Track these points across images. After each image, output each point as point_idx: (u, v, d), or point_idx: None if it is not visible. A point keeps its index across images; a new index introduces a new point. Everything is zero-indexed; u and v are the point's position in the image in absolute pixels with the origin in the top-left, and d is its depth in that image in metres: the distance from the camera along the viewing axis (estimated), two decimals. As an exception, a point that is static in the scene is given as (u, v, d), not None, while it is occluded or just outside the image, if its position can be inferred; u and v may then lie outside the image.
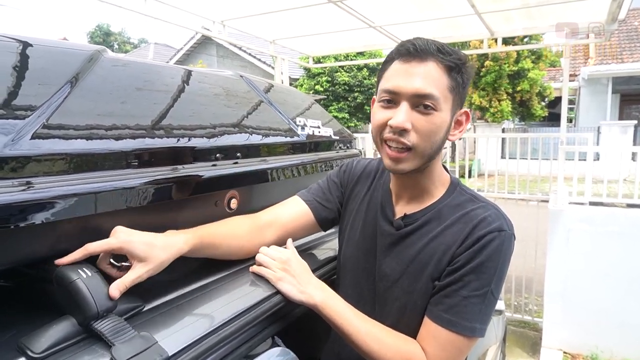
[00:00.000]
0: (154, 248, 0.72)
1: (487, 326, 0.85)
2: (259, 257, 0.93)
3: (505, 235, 0.84)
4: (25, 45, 0.73)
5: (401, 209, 0.95)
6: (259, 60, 13.18)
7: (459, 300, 0.82)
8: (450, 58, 0.82)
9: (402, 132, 0.82)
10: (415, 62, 0.81)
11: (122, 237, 0.70)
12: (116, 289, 0.65)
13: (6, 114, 0.63)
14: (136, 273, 0.69)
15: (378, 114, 0.86)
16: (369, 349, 0.85)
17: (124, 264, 0.71)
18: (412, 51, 0.81)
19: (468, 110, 0.90)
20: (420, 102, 0.81)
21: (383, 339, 0.86)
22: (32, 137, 0.63)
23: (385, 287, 0.94)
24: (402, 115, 0.81)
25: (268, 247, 0.96)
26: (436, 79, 0.81)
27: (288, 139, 1.19)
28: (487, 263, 0.82)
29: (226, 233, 0.91)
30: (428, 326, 0.85)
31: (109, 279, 0.67)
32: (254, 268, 0.92)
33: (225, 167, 0.94)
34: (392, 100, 0.83)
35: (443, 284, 0.85)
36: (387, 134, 0.84)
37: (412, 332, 0.89)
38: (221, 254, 0.91)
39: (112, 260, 0.70)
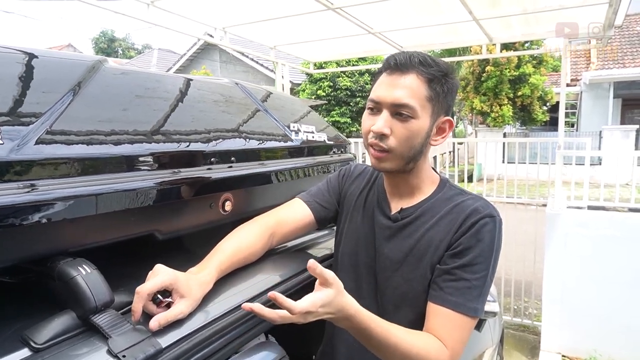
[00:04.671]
0: (193, 285, 0.78)
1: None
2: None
3: (497, 220, 0.92)
4: (31, 56, 0.78)
5: (396, 205, 1.03)
6: (262, 65, 13.27)
7: (464, 283, 0.88)
8: (431, 70, 0.90)
9: (382, 136, 0.91)
10: (396, 74, 0.90)
11: (170, 274, 0.75)
12: (157, 321, 0.69)
13: (12, 120, 0.67)
14: (179, 308, 0.74)
15: (365, 121, 0.95)
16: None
17: (167, 299, 0.74)
18: (393, 65, 0.91)
19: (451, 118, 0.97)
20: (398, 111, 0.89)
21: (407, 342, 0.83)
22: (36, 143, 0.68)
23: (385, 277, 1.00)
24: (381, 122, 0.90)
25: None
26: (414, 89, 0.89)
27: (282, 144, 1.23)
28: (486, 248, 0.90)
29: (239, 249, 0.95)
30: (438, 311, 0.89)
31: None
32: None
33: (220, 171, 0.98)
34: (376, 108, 0.93)
35: (446, 269, 0.91)
36: (371, 139, 0.93)
37: (412, 317, 0.95)
38: (237, 267, 0.96)
39: (159, 295, 0.73)
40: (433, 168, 1.06)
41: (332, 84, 11.38)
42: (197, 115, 1.02)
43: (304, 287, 1.02)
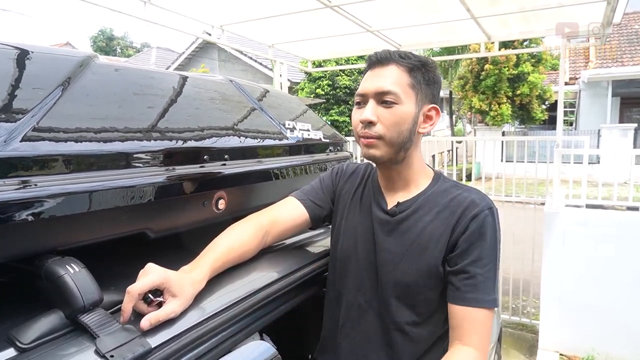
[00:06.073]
0: (185, 284, 0.77)
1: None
2: None
3: (494, 211, 0.97)
4: (19, 51, 0.76)
5: (392, 199, 1.04)
6: (260, 64, 13.24)
7: (478, 278, 0.91)
8: (410, 60, 0.95)
9: (370, 124, 0.94)
10: (378, 68, 0.96)
11: (161, 274, 0.74)
12: (148, 321, 0.68)
13: (-2, 117, 0.66)
14: (170, 307, 0.73)
15: (354, 115, 1.00)
16: None
17: (158, 299, 0.73)
18: (375, 60, 0.97)
19: (437, 106, 1.01)
20: (383, 99, 0.94)
21: None
22: (23, 140, 0.66)
23: (387, 271, 1.00)
24: (368, 110, 0.94)
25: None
26: (396, 78, 0.94)
27: (277, 142, 1.22)
28: (490, 240, 0.93)
29: (232, 247, 0.94)
30: (457, 312, 0.92)
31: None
32: None
33: (213, 169, 0.97)
34: (362, 101, 0.97)
35: (458, 268, 0.93)
36: (361, 130, 0.96)
37: (413, 312, 0.97)
38: (230, 266, 0.96)
39: (150, 295, 0.72)
40: (428, 165, 1.07)
41: (331, 82, 11.36)
42: (190, 112, 1.01)
43: (297, 286, 1.01)
